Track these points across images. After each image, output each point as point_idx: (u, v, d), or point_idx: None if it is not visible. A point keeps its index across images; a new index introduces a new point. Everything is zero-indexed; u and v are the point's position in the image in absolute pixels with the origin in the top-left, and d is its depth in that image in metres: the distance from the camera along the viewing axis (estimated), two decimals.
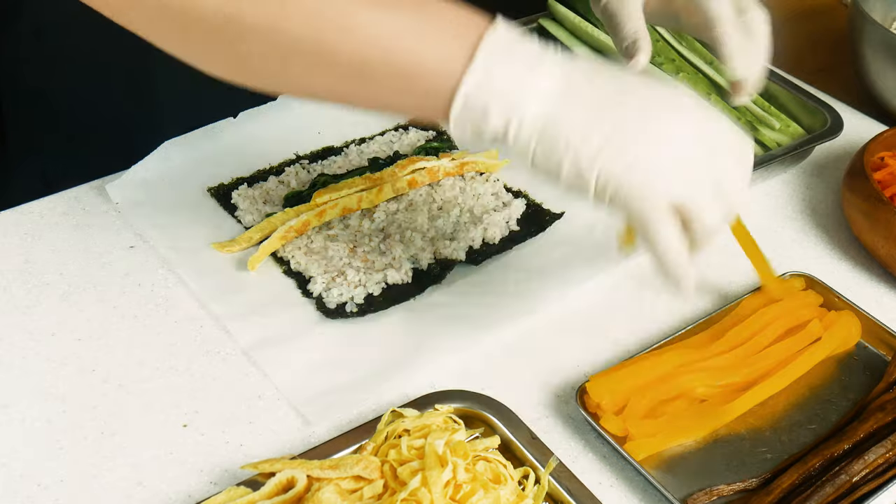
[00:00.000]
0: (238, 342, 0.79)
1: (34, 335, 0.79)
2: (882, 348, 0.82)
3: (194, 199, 0.92)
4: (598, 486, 0.70)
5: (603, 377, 0.74)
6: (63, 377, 0.76)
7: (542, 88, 0.60)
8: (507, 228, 0.90)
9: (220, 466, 0.70)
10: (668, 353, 0.77)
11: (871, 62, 1.11)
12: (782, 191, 1.02)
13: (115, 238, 0.88)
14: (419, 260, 0.86)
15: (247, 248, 0.87)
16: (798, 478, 0.70)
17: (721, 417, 0.74)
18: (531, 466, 0.69)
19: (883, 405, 0.75)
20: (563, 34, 1.12)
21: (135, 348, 0.78)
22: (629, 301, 0.86)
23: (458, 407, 0.72)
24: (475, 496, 0.64)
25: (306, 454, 0.68)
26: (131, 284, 0.84)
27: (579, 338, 0.82)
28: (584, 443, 0.74)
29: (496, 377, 0.78)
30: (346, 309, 0.82)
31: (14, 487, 0.68)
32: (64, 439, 0.71)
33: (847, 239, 0.95)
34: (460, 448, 0.66)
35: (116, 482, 0.69)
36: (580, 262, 0.88)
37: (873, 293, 0.89)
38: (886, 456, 0.71)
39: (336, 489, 0.63)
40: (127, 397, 0.75)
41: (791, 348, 0.79)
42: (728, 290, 0.88)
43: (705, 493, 0.69)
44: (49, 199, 0.92)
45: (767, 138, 1.02)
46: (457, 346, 0.80)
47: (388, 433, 0.69)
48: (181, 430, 0.73)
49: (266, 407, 0.75)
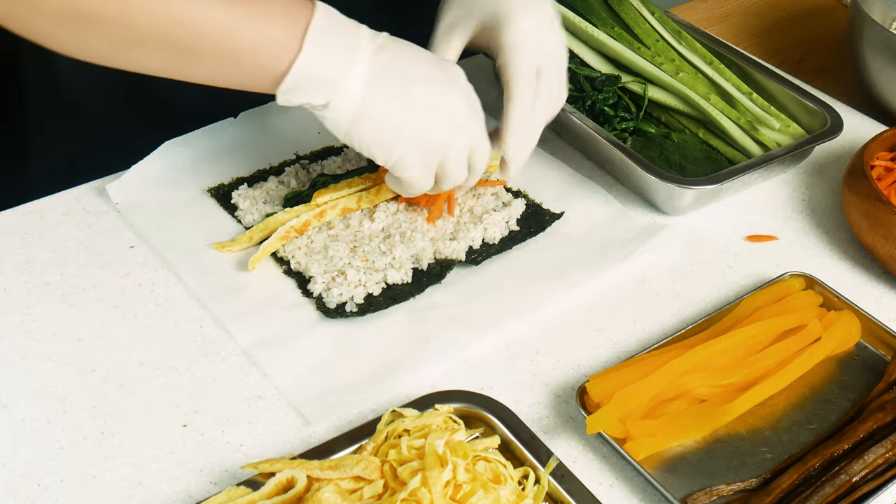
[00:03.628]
0: (238, 342, 0.79)
1: (34, 335, 0.79)
2: (882, 348, 0.82)
3: (194, 199, 0.92)
4: (598, 486, 0.70)
5: (603, 377, 0.74)
6: (63, 377, 0.76)
7: (357, 73, 0.72)
8: (506, 228, 0.90)
9: (220, 466, 0.70)
10: (668, 353, 0.77)
11: (871, 62, 1.11)
12: (782, 191, 1.02)
13: (115, 238, 0.88)
14: (419, 260, 0.86)
15: (247, 248, 0.87)
16: (798, 478, 0.70)
17: (721, 417, 0.74)
18: (531, 466, 0.69)
19: (883, 405, 0.75)
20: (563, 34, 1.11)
21: (135, 348, 0.78)
22: (629, 301, 0.86)
23: (458, 407, 0.72)
24: (475, 496, 0.64)
25: (306, 454, 0.68)
26: (131, 284, 0.84)
27: (579, 338, 0.82)
28: (584, 443, 0.74)
29: (496, 377, 0.78)
30: (346, 309, 0.82)
31: (14, 487, 0.68)
32: (64, 439, 0.71)
33: (847, 239, 0.95)
34: (460, 448, 0.66)
35: (116, 482, 0.69)
36: (580, 262, 0.88)
37: (873, 293, 0.89)
38: (886, 456, 0.71)
39: (336, 489, 0.63)
40: (127, 397, 0.75)
41: (791, 348, 0.79)
42: (728, 290, 0.88)
43: (705, 493, 0.69)
44: (49, 199, 0.92)
45: (767, 138, 1.02)
46: (457, 346, 0.80)
47: (388, 433, 0.69)
48: (181, 430, 0.73)
49: (266, 407, 0.75)
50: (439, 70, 0.78)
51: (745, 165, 0.95)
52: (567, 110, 1.00)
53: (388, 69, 0.74)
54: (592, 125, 0.98)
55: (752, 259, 0.92)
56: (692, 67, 1.07)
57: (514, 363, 0.80)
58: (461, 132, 0.78)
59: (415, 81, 0.75)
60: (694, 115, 1.05)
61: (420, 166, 0.78)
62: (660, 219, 0.95)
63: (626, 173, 0.98)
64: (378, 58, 0.74)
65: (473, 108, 0.79)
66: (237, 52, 0.71)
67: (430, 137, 0.77)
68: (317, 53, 0.71)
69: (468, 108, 0.79)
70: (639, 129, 1.05)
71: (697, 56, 1.08)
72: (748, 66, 1.08)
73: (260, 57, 0.71)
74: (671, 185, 0.92)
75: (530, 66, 0.83)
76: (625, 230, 0.93)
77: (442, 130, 0.77)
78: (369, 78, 0.73)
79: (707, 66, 1.07)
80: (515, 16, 0.82)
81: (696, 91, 1.04)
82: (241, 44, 0.70)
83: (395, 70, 0.74)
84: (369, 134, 0.75)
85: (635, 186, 0.98)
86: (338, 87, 0.72)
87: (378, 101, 0.74)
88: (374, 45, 0.74)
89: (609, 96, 1.05)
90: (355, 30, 0.74)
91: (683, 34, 1.10)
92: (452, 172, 0.80)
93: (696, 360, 0.76)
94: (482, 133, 0.81)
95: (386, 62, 0.74)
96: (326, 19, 0.72)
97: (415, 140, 0.76)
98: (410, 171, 0.78)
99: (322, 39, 0.72)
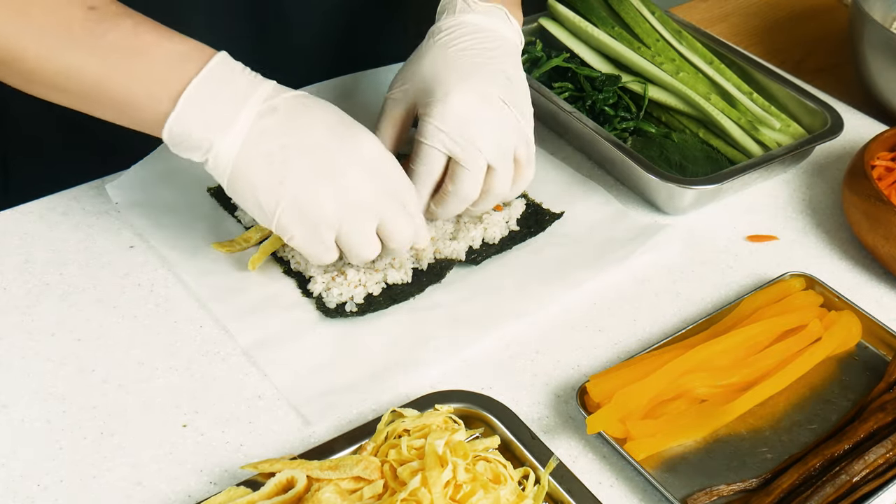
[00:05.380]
0: (238, 342, 0.79)
1: (34, 335, 0.79)
2: (882, 348, 0.82)
3: (194, 199, 0.92)
4: (598, 486, 0.70)
5: (603, 377, 0.74)
6: (63, 377, 0.76)
7: (230, 140, 0.71)
8: (506, 228, 0.90)
9: (220, 466, 0.70)
10: (668, 353, 0.77)
11: (872, 62, 1.11)
12: (782, 191, 1.02)
13: (115, 238, 0.88)
14: (419, 260, 0.86)
15: (247, 248, 0.87)
16: (798, 478, 0.70)
17: (721, 417, 0.74)
18: (531, 466, 0.69)
19: (883, 405, 0.75)
20: (564, 34, 1.12)
21: (135, 348, 0.78)
22: (629, 301, 0.86)
23: (458, 407, 0.72)
24: (475, 496, 0.64)
25: (306, 454, 0.68)
26: (131, 284, 0.84)
27: (579, 338, 0.82)
28: (584, 443, 0.74)
29: (496, 377, 0.78)
30: (346, 309, 0.82)
31: (14, 487, 0.68)
32: (64, 439, 0.71)
33: (847, 239, 0.95)
34: (460, 448, 0.66)
35: (116, 482, 0.69)
36: (580, 262, 0.88)
37: (873, 293, 0.89)
38: (886, 456, 0.71)
39: (336, 489, 0.63)
40: (126, 397, 0.75)
41: (791, 348, 0.79)
42: (728, 290, 0.88)
43: (705, 493, 0.69)
44: (49, 199, 0.92)
45: (767, 138, 1.02)
46: (457, 346, 0.80)
47: (388, 433, 0.69)
48: (181, 430, 0.73)
49: (266, 407, 0.75)
50: (337, 141, 0.73)
51: (746, 165, 0.95)
52: (567, 110, 1.00)
53: (268, 133, 0.72)
54: (592, 125, 0.98)
55: (752, 259, 0.92)
56: (692, 67, 1.07)
57: (514, 363, 0.80)
58: (355, 207, 0.74)
59: (297, 149, 0.72)
60: (694, 115, 1.05)
61: (307, 238, 0.74)
62: (660, 219, 0.95)
63: (626, 173, 0.98)
64: (262, 121, 0.71)
65: (379, 181, 0.75)
66: (121, 104, 0.72)
67: (313, 210, 0.73)
68: (191, 113, 0.70)
69: (370, 181, 0.74)
70: (639, 129, 1.04)
71: (698, 56, 1.08)
72: (748, 65, 1.08)
73: (140, 112, 0.71)
74: (671, 185, 0.92)
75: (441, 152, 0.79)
76: (625, 230, 0.92)
77: (329, 204, 0.73)
78: (245, 141, 0.71)
79: (707, 66, 1.07)
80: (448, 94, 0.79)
81: (697, 91, 1.04)
82: (121, 97, 0.71)
83: (276, 135, 0.72)
84: (245, 197, 0.73)
85: (635, 186, 0.98)
86: (211, 148, 0.71)
87: (252, 166, 0.72)
88: (265, 106, 0.72)
89: (609, 96, 1.05)
90: (249, 88, 0.72)
91: (684, 34, 1.10)
92: (353, 248, 0.76)
93: (697, 360, 0.76)
94: (393, 206, 0.76)
95: (269, 126, 0.72)
96: (215, 75, 0.71)
97: (293, 210, 0.73)
98: (296, 241, 0.74)
99: (199, 99, 0.70)
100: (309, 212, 0.73)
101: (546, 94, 1.02)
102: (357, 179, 0.74)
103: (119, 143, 0.87)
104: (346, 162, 0.74)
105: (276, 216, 0.73)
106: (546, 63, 1.10)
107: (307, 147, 0.73)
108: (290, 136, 0.72)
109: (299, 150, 0.72)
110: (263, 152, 0.72)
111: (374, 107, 0.88)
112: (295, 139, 0.72)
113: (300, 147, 0.72)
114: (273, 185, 0.72)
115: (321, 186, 0.73)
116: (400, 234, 0.77)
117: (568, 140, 1.05)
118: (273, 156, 0.72)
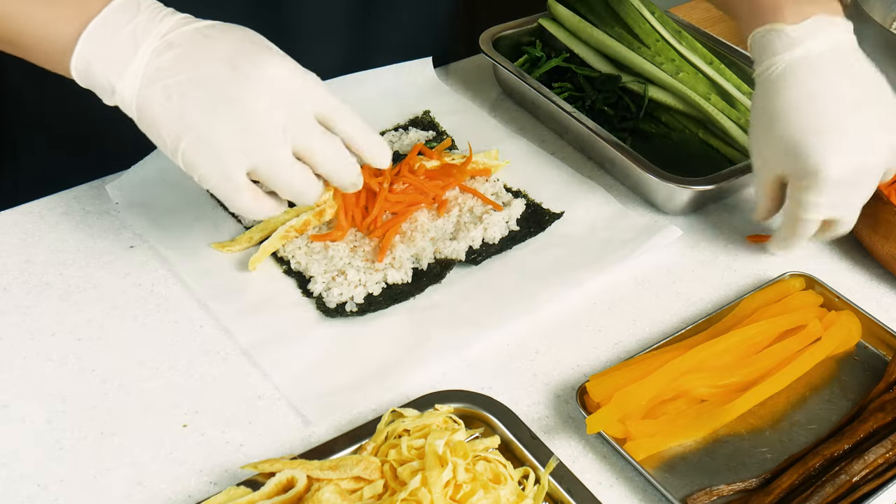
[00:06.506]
0: (238, 342, 0.79)
1: (34, 335, 0.79)
2: (882, 348, 0.82)
3: (194, 199, 0.92)
4: (598, 486, 0.70)
5: (603, 377, 0.74)
6: (63, 377, 0.76)
7: (129, 80, 0.70)
8: (506, 228, 0.90)
9: (220, 466, 0.70)
10: (667, 353, 0.77)
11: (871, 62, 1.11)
12: None
13: (115, 238, 0.88)
14: (419, 260, 0.86)
15: (247, 248, 0.87)
16: (798, 478, 0.70)
17: (721, 417, 0.74)
18: (531, 466, 0.69)
19: (883, 405, 0.75)
20: (563, 34, 1.12)
21: (135, 348, 0.78)
22: (630, 301, 0.86)
23: (458, 407, 0.72)
24: (475, 496, 0.64)
25: (306, 454, 0.68)
26: (131, 284, 0.84)
27: (579, 338, 0.82)
28: (584, 443, 0.74)
29: (496, 377, 0.78)
30: (346, 309, 0.82)
31: (14, 487, 0.68)
32: (64, 439, 0.71)
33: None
34: (460, 448, 0.66)
35: (116, 482, 0.69)
36: (580, 262, 0.88)
37: (873, 293, 0.89)
38: (886, 456, 0.71)
39: (336, 489, 0.63)
40: (127, 397, 0.75)
41: (791, 348, 0.79)
42: (728, 290, 0.88)
43: (705, 493, 0.69)
44: (49, 199, 0.92)
45: None
46: (457, 346, 0.80)
47: (388, 433, 0.69)
48: (181, 430, 0.73)
49: (266, 407, 0.75)
50: (231, 69, 0.70)
51: (746, 165, 0.95)
52: (567, 110, 1.00)
53: (164, 70, 0.70)
54: (592, 125, 0.98)
55: (752, 259, 0.92)
56: (692, 67, 1.07)
57: (514, 363, 0.80)
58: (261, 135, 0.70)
59: (192, 82, 0.70)
60: (694, 115, 1.05)
61: (216, 175, 0.71)
62: (660, 219, 0.95)
63: (625, 173, 0.98)
64: (158, 58, 0.70)
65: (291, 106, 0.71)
66: (25, 43, 0.71)
67: (214, 142, 0.70)
68: (90, 52, 0.70)
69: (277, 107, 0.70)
70: (639, 129, 1.04)
71: (697, 56, 1.08)
72: (748, 65, 1.08)
73: (47, 53, 0.71)
74: (671, 185, 0.92)
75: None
76: (625, 230, 0.93)
77: (229, 134, 0.70)
78: (143, 80, 0.70)
79: (707, 66, 1.07)
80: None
81: (697, 91, 1.04)
82: (24, 34, 0.71)
83: (172, 72, 0.70)
84: (152, 136, 0.72)
85: (635, 186, 0.98)
86: (114, 90, 0.70)
87: (152, 104, 0.70)
88: (161, 42, 0.70)
89: (609, 96, 1.05)
90: (149, 25, 0.71)
91: (683, 34, 1.10)
92: (279, 182, 0.72)
93: (696, 360, 0.76)
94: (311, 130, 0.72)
95: (164, 62, 0.70)
96: (117, 13, 0.70)
97: (197, 145, 0.70)
98: (206, 181, 0.72)
99: (99, 38, 0.70)
100: (211, 144, 0.70)
101: (546, 93, 1.02)
102: (258, 105, 0.70)
103: (119, 143, 0.87)
104: (243, 88, 0.70)
105: (181, 152, 0.71)
106: (546, 63, 1.10)
107: (202, 79, 0.70)
108: (186, 71, 0.70)
109: (194, 83, 0.70)
110: (160, 88, 0.70)
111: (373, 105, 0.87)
112: (190, 73, 0.70)
113: (195, 80, 0.70)
114: (172, 120, 0.70)
115: (220, 116, 0.70)
116: (324, 158, 0.73)
117: (568, 140, 1.05)
118: (169, 90, 0.70)
